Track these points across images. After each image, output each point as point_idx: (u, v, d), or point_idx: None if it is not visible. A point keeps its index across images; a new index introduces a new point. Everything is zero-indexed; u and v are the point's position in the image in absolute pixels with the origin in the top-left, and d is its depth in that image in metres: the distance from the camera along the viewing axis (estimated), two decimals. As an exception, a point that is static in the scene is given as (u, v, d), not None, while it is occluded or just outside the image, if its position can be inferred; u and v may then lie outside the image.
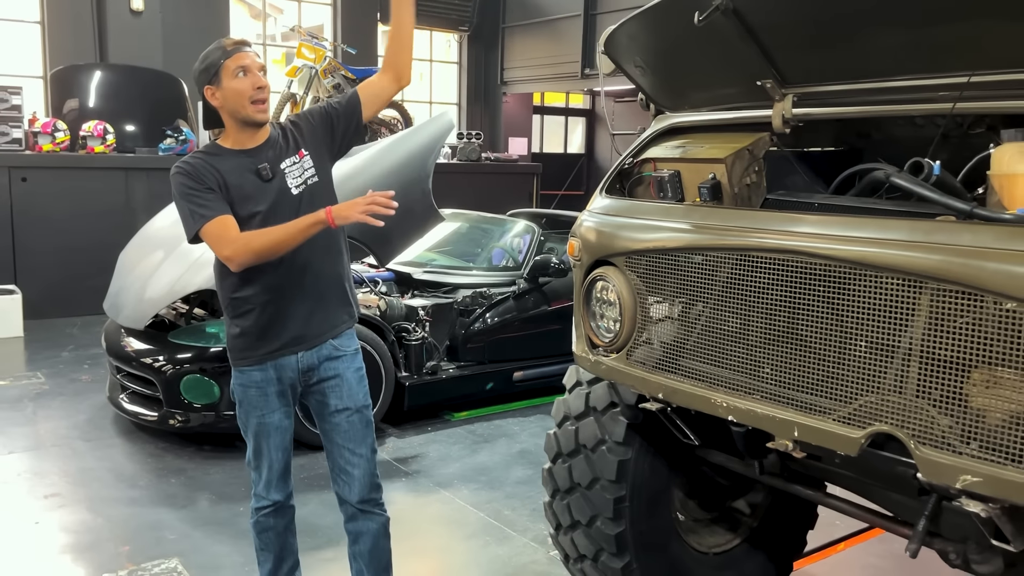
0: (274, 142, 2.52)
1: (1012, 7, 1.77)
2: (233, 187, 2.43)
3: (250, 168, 2.46)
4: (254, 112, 2.43)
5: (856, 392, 1.76)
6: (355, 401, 2.61)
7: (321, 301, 2.55)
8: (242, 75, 2.40)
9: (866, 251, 1.71)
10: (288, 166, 2.50)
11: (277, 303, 2.50)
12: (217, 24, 9.80)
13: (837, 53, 2.17)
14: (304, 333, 2.53)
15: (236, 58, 2.41)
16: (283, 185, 2.48)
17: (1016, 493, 1.53)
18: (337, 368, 2.59)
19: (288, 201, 2.47)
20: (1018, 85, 1.86)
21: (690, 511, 2.97)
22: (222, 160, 2.46)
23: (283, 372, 2.55)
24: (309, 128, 2.59)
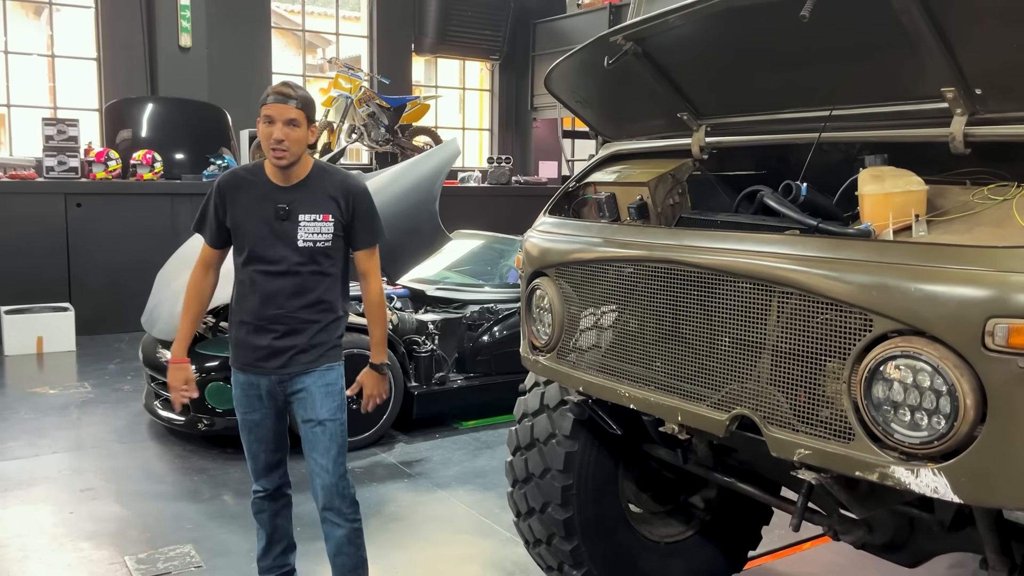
0: (309, 190, 2.75)
1: (858, 54, 2.06)
2: (241, 203, 2.72)
3: (272, 199, 2.71)
4: (273, 157, 2.66)
5: (723, 381, 2.05)
6: (317, 414, 2.81)
7: (288, 337, 2.76)
8: (266, 124, 2.64)
9: (726, 260, 2.00)
10: (307, 220, 2.72)
11: (248, 325, 2.78)
12: (260, 59, 10.40)
13: (736, 89, 2.48)
14: (268, 362, 2.78)
15: (267, 107, 2.64)
16: (292, 231, 2.71)
17: (836, 463, 1.80)
18: (304, 382, 2.81)
19: (288, 246, 2.71)
20: (873, 117, 2.15)
21: (644, 503, 3.24)
22: (255, 180, 2.75)
23: (260, 381, 2.82)
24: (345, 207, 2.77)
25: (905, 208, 2.01)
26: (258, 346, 2.77)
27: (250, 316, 2.77)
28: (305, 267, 2.74)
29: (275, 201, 2.71)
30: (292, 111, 2.63)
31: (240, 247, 2.76)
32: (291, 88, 2.69)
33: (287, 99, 2.64)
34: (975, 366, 1.59)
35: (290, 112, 2.63)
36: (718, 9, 2.13)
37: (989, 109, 1.95)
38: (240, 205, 2.74)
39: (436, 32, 11.75)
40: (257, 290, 2.74)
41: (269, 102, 2.64)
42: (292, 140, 2.64)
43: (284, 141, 2.63)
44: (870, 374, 1.73)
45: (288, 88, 2.68)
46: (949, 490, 1.63)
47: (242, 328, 2.81)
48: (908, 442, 1.69)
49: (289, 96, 2.65)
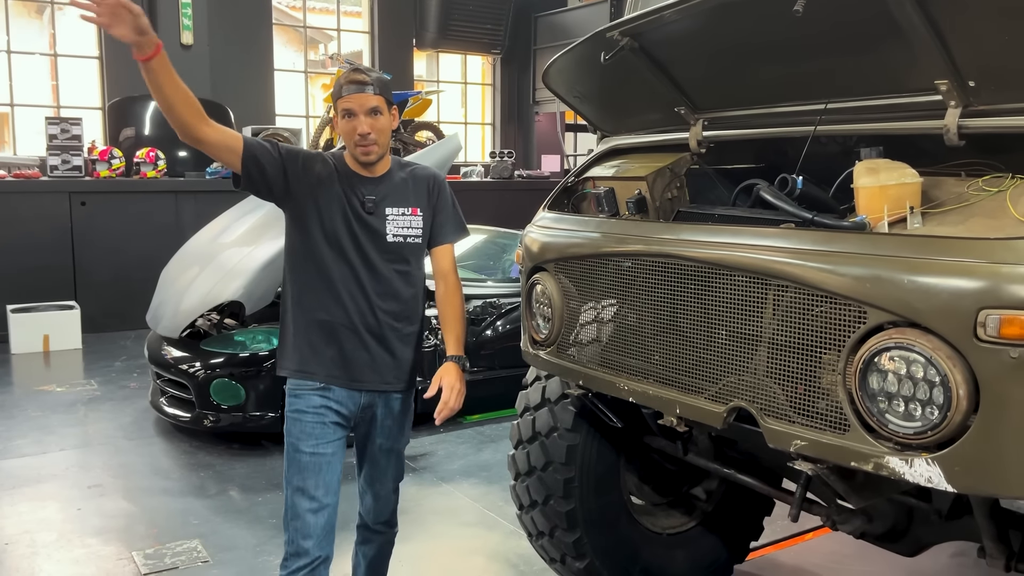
0: (394, 183, 2.50)
1: (852, 48, 2.07)
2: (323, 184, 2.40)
3: (358, 192, 2.43)
4: (359, 154, 2.39)
5: (721, 374, 2.07)
6: (398, 441, 2.60)
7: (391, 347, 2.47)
8: (347, 118, 2.36)
9: (722, 254, 2.02)
10: (395, 214, 2.47)
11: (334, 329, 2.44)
12: (261, 56, 10.42)
13: (733, 83, 2.49)
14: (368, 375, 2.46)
15: (345, 100, 2.35)
16: (379, 225, 2.44)
17: (832, 453, 1.82)
18: (392, 404, 2.54)
19: (377, 242, 2.44)
20: (868, 110, 2.16)
21: (646, 495, 3.26)
22: (335, 170, 2.44)
23: (349, 400, 2.47)
24: (432, 200, 2.55)
25: (900, 200, 2.02)
26: (355, 353, 2.44)
27: (345, 319, 2.44)
28: (392, 262, 2.46)
29: (361, 195, 2.44)
30: (373, 98, 2.35)
31: (317, 235, 2.42)
32: (365, 73, 2.39)
33: (364, 86, 2.35)
34: (967, 357, 1.60)
35: (371, 100, 2.35)
36: (713, 4, 2.14)
37: (982, 101, 1.96)
38: (323, 185, 2.41)
39: (437, 27, 11.75)
40: (352, 291, 2.43)
41: (345, 94, 2.35)
42: (378, 131, 2.37)
43: (371, 133, 2.36)
44: (864, 365, 1.75)
45: (362, 74, 2.38)
46: (943, 479, 1.65)
47: (328, 330, 2.44)
48: (902, 432, 1.70)
49: (365, 83, 2.36)
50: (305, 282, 2.46)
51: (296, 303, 2.48)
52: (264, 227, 5.49)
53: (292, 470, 2.46)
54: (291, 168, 2.39)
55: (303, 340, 2.46)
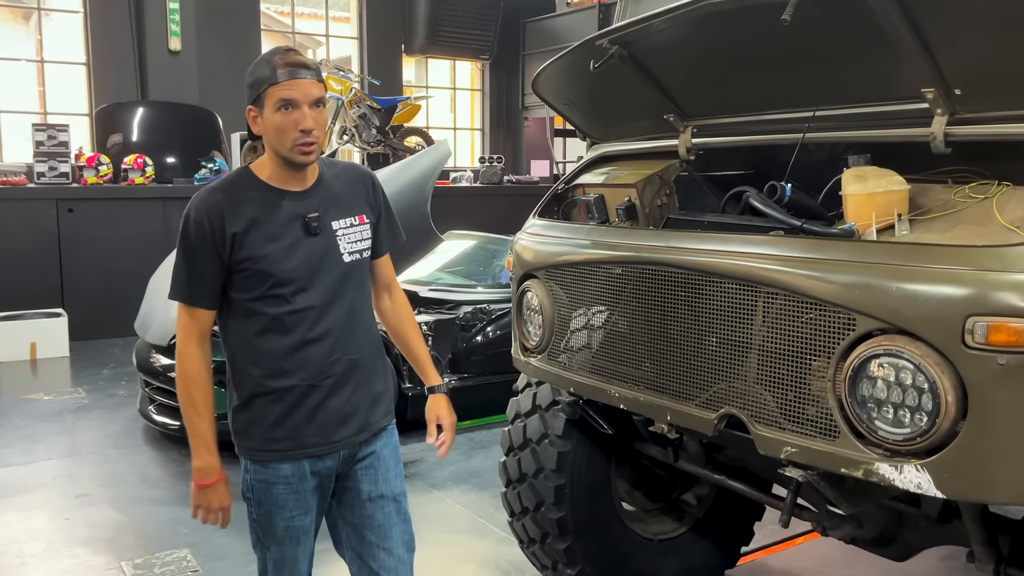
0: (331, 189, 2.08)
1: (840, 56, 2.09)
2: (258, 235, 1.97)
3: (293, 215, 2.00)
4: (296, 155, 1.95)
5: (711, 380, 2.07)
6: (392, 487, 2.17)
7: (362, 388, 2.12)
8: (286, 110, 1.91)
9: (712, 261, 2.03)
10: (344, 227, 2.07)
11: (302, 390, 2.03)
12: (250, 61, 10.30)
13: (722, 91, 2.50)
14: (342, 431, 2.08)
15: (283, 88, 1.91)
16: (332, 246, 2.04)
17: (822, 460, 1.83)
18: (373, 446, 2.14)
19: (335, 268, 2.04)
20: (856, 118, 2.18)
21: (637, 501, 3.27)
22: (252, 197, 2.00)
23: (321, 465, 2.08)
24: (374, 202, 2.17)
25: (888, 207, 2.04)
26: (324, 414, 2.05)
27: (306, 374, 2.02)
28: (350, 288, 2.08)
29: (298, 212, 2.02)
30: (315, 86, 1.95)
31: (271, 288, 1.99)
32: (303, 55, 1.99)
33: (305, 71, 1.94)
34: (956, 363, 1.62)
35: (314, 88, 1.94)
36: (702, 13, 2.15)
37: (968, 109, 1.98)
38: (258, 232, 1.98)
39: (426, 32, 11.76)
40: (308, 335, 2.02)
41: (281, 79, 1.91)
42: (320, 126, 1.97)
43: (314, 130, 1.95)
44: (854, 372, 1.76)
45: (300, 56, 1.97)
46: (932, 486, 1.66)
47: (287, 396, 2.02)
48: (891, 439, 1.71)
49: (307, 66, 1.96)
50: (262, 346, 2.02)
51: (248, 374, 2.04)
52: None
53: (268, 538, 2.11)
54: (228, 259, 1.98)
55: (260, 412, 2.04)
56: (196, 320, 2.02)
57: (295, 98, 1.92)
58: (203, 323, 2.03)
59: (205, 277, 1.99)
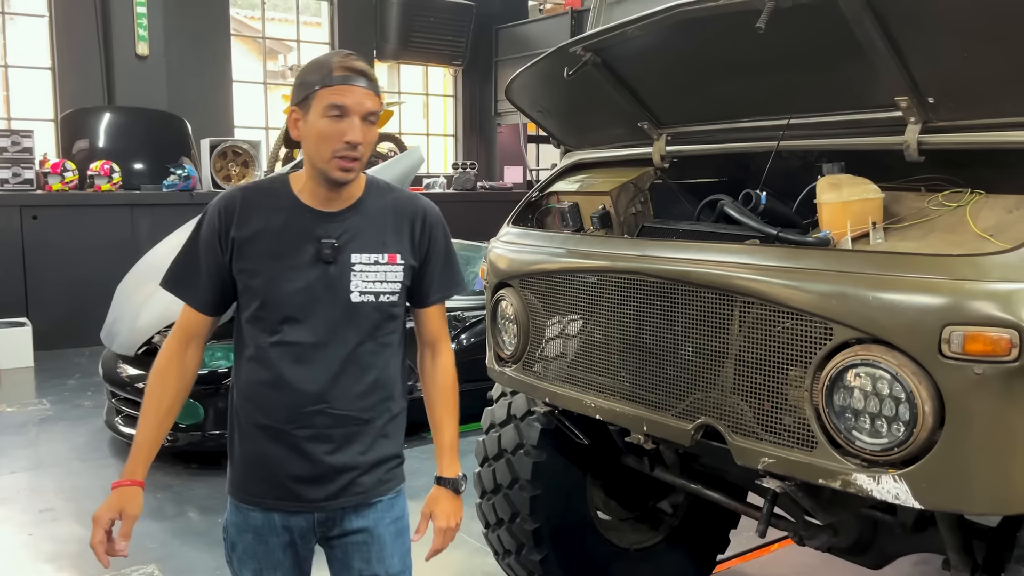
0: (367, 217, 1.86)
1: (814, 64, 2.09)
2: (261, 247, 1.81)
3: (309, 235, 1.81)
4: (334, 169, 1.76)
5: (688, 391, 2.06)
6: (388, 567, 1.94)
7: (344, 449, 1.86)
8: (335, 116, 1.73)
9: (688, 270, 2.01)
10: (364, 263, 1.83)
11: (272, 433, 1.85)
12: (220, 66, 10.27)
13: (696, 99, 2.49)
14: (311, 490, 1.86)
15: (337, 91, 1.72)
16: (342, 280, 1.81)
17: (800, 471, 1.81)
18: (365, 520, 1.91)
19: (337, 306, 1.81)
20: (830, 126, 2.18)
21: (612, 511, 3.24)
22: (272, 205, 1.83)
23: (292, 522, 1.89)
24: (419, 244, 1.92)
25: (863, 216, 2.04)
26: (294, 465, 1.85)
27: (278, 416, 1.84)
28: (353, 332, 1.84)
29: (316, 234, 1.81)
30: (371, 98, 1.77)
31: (260, 310, 1.82)
32: (364, 63, 1.80)
33: (363, 79, 1.76)
34: (933, 373, 1.61)
35: (369, 100, 1.76)
36: (676, 20, 2.14)
37: (941, 117, 1.98)
38: (262, 244, 1.81)
39: (398, 38, 11.71)
40: (288, 375, 1.82)
41: (335, 83, 1.73)
42: (368, 144, 1.77)
43: (361, 145, 1.76)
44: (831, 382, 1.75)
45: (361, 63, 1.79)
46: (910, 496, 1.65)
47: (260, 436, 1.86)
48: (869, 449, 1.70)
49: (366, 74, 1.78)
50: (246, 374, 1.87)
51: (234, 400, 1.92)
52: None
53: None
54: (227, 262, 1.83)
55: (241, 450, 1.90)
56: (185, 318, 1.87)
57: (347, 105, 1.73)
58: (190, 323, 1.87)
59: (199, 272, 1.84)
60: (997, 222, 1.91)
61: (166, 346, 1.88)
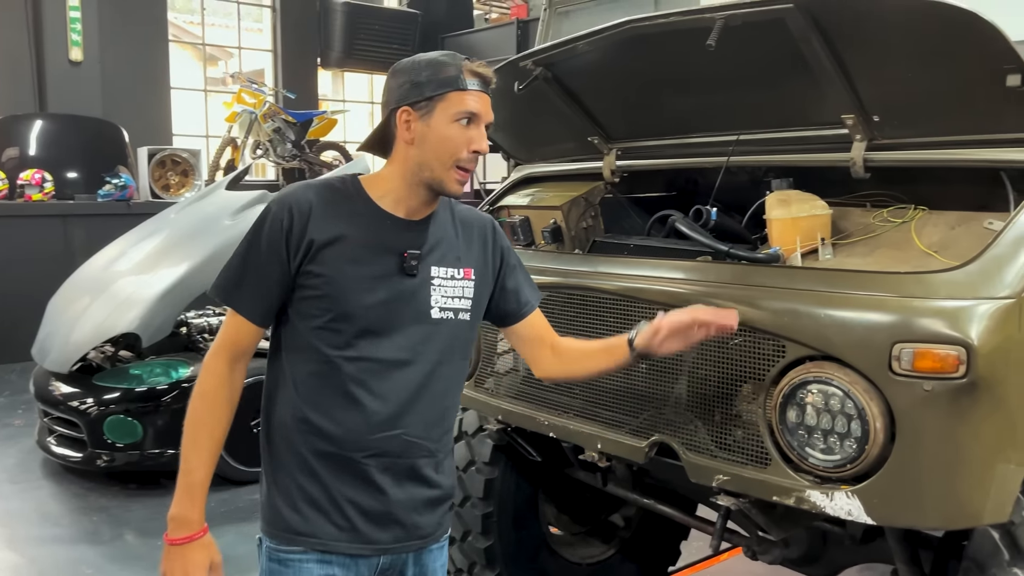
0: (442, 229, 1.73)
1: (763, 82, 2.11)
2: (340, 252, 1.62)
3: (391, 245, 1.65)
4: (451, 179, 1.62)
5: (642, 408, 2.05)
6: None
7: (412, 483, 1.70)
8: (467, 123, 1.61)
9: (641, 287, 2.01)
10: (443, 277, 1.70)
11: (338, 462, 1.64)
12: (157, 73, 10.02)
13: (646, 114, 2.50)
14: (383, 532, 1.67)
15: (473, 97, 1.62)
16: (422, 294, 1.67)
17: (754, 488, 1.82)
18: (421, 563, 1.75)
19: (420, 322, 1.67)
20: (779, 142, 2.20)
21: (565, 525, 3.22)
22: (351, 210, 1.65)
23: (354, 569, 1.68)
24: (493, 259, 1.80)
25: (811, 232, 2.06)
26: (362, 500, 1.65)
27: (346, 442, 1.64)
28: (434, 351, 1.68)
29: (397, 244, 1.66)
30: (491, 112, 1.69)
31: (334, 321, 1.62)
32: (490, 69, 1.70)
33: (490, 87, 1.68)
34: (883, 390, 1.63)
35: (491, 113, 1.69)
36: (626, 36, 2.14)
37: (886, 135, 2.02)
38: (343, 249, 1.62)
39: (342, 46, 11.59)
40: (362, 394, 1.63)
41: (469, 87, 1.61)
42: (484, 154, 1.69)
43: (480, 155, 1.67)
44: (784, 399, 1.75)
45: (490, 70, 1.69)
46: (863, 512, 1.66)
47: (321, 466, 1.65)
48: (822, 466, 1.71)
49: (492, 84, 1.69)
50: (305, 393, 1.64)
51: (282, 424, 1.67)
52: (162, 254, 5.24)
53: None
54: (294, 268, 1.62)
55: (292, 484, 1.65)
56: (235, 330, 1.64)
57: (479, 113, 1.63)
58: (242, 337, 1.64)
59: (261, 282, 1.62)
60: (941, 238, 1.95)
61: (211, 367, 1.65)
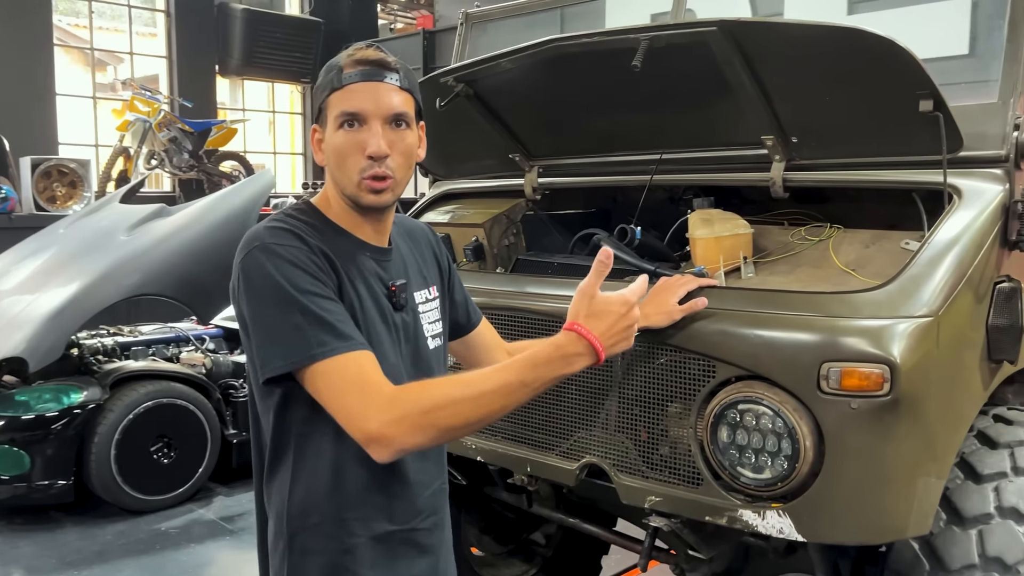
0: (402, 250, 1.55)
1: (686, 102, 2.13)
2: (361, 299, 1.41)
3: (376, 278, 1.46)
4: (364, 193, 1.40)
5: (571, 430, 2.02)
6: None
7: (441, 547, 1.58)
8: (350, 127, 1.38)
9: (564, 307, 1.98)
10: (422, 301, 1.54)
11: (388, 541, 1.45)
12: (41, 78, 9.50)
13: (568, 132, 2.49)
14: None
15: (349, 94, 1.38)
16: (417, 328, 1.51)
17: (686, 508, 1.82)
18: None
19: (424, 359, 1.52)
20: (700, 161, 2.23)
21: (487, 546, 3.17)
22: (336, 245, 1.42)
23: None
24: (444, 270, 1.67)
25: (734, 251, 2.08)
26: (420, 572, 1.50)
27: (404, 514, 1.46)
28: None
29: (383, 276, 1.47)
30: (398, 95, 1.41)
31: None
32: (384, 52, 1.44)
33: (384, 71, 1.40)
34: (812, 409, 1.65)
35: (394, 97, 1.40)
36: (550, 55, 2.12)
37: (804, 156, 2.06)
38: (357, 300, 1.41)
39: (242, 53, 11.28)
40: (411, 461, 1.45)
41: (348, 82, 1.39)
42: (401, 154, 1.42)
43: (389, 156, 1.39)
44: (716, 419, 1.76)
45: (379, 52, 1.43)
46: (793, 530, 1.68)
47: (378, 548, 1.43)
48: (754, 485, 1.73)
49: (385, 65, 1.41)
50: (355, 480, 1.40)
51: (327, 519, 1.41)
52: (51, 272, 4.92)
53: None
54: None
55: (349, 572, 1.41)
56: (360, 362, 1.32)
57: (363, 110, 1.37)
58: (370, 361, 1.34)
59: (337, 311, 1.34)
60: (857, 256, 2.01)
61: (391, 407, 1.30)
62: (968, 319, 1.74)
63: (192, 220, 5.04)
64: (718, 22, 1.82)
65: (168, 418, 4.67)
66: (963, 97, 1.95)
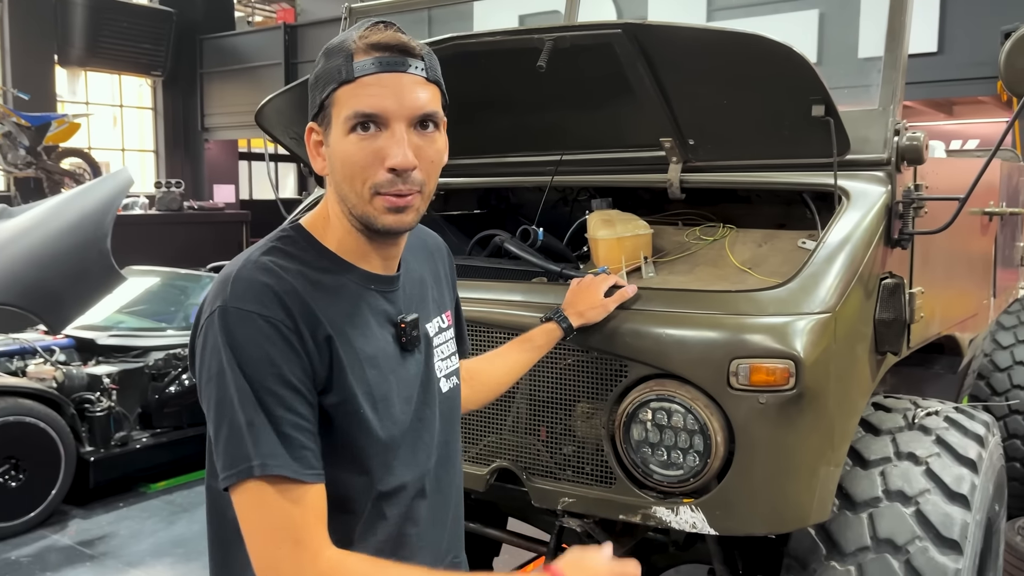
0: (412, 274, 1.32)
1: (588, 103, 2.14)
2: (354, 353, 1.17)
3: (383, 316, 1.23)
4: (379, 213, 1.16)
5: (481, 434, 1.99)
6: None
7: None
8: (365, 131, 1.13)
9: (477, 311, 1.95)
10: (436, 335, 1.33)
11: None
12: None
13: (466, 132, 2.44)
14: None
15: (363, 90, 1.13)
16: (428, 369, 1.30)
17: (600, 508, 1.83)
18: None
19: (432, 404, 1.30)
20: (600, 163, 2.25)
21: (379, 556, 3.09)
22: (330, 285, 1.18)
23: None
24: (453, 289, 1.48)
25: (635, 251, 2.11)
26: None
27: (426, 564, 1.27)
28: (454, 437, 1.38)
29: (388, 312, 1.24)
30: (424, 88, 1.17)
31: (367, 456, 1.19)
32: (403, 34, 1.17)
33: (409, 59, 1.15)
34: (723, 404, 1.69)
35: (421, 93, 1.16)
36: (449, 53, 2.07)
37: (700, 158, 2.12)
38: (355, 349, 1.17)
39: (84, 42, 10.54)
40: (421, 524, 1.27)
41: (366, 71, 1.13)
42: (429, 163, 1.19)
43: (415, 170, 1.16)
44: (628, 418, 1.77)
45: (400, 35, 1.16)
46: (706, 524, 1.72)
47: None
48: (667, 481, 1.75)
49: (411, 52, 1.16)
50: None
51: None
52: None
53: None
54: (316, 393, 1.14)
55: None
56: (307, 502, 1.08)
57: (383, 111, 1.12)
58: (320, 503, 1.10)
59: (301, 417, 1.10)
60: (752, 255, 2.08)
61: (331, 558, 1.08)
62: (859, 314, 1.83)
63: (40, 222, 4.65)
64: (624, 24, 1.83)
65: (15, 437, 4.29)
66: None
